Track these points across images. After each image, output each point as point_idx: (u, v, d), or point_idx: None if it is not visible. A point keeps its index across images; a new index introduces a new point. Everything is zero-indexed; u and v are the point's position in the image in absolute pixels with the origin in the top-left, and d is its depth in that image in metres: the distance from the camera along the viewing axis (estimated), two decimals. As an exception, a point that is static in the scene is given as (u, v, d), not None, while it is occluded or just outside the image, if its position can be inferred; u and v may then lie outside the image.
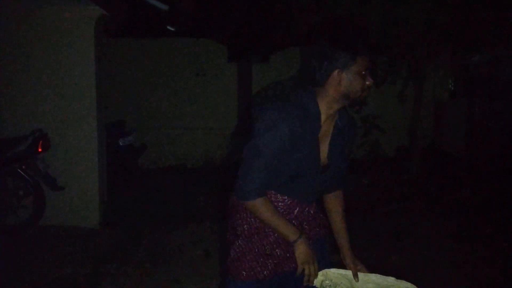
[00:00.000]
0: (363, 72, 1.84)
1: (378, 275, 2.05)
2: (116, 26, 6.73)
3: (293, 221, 2.00)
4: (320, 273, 1.97)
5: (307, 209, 2.07)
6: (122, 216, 5.45)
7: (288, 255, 1.98)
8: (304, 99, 1.90)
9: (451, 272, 3.89)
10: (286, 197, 1.99)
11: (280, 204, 1.99)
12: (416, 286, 1.96)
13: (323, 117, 1.91)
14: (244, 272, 1.97)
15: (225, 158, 8.16)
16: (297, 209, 2.03)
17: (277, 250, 1.98)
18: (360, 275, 2.06)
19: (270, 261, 1.98)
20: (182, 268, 4.03)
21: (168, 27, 7.84)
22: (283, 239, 1.96)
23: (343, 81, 1.85)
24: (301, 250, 1.91)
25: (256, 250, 1.99)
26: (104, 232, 4.96)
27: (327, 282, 1.99)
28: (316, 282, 1.97)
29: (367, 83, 1.87)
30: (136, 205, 5.96)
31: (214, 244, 4.54)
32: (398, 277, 2.01)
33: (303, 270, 1.93)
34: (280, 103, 1.89)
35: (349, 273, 2.05)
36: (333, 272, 2.01)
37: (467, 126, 7.72)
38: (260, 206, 1.90)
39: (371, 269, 2.09)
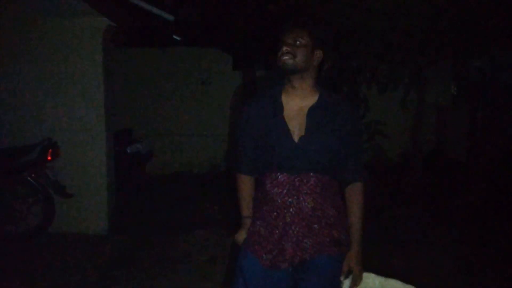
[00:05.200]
0: (282, 44, 2.05)
1: (399, 282, 2.07)
2: (123, 36, 6.82)
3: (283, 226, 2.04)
4: None
5: (304, 203, 2.03)
6: (130, 222, 5.52)
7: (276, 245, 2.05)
8: (272, 90, 2.17)
9: (454, 276, 3.93)
10: (278, 173, 2.05)
11: (275, 189, 2.05)
12: None
13: (285, 96, 2.12)
14: (244, 240, 2.16)
15: (230, 164, 8.23)
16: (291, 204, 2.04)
17: (267, 236, 2.06)
18: (380, 279, 2.08)
19: (263, 249, 2.05)
20: (189, 274, 4.08)
21: (174, 37, 7.91)
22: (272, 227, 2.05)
23: None
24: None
25: (255, 234, 2.11)
26: (113, 238, 5.02)
27: None
28: None
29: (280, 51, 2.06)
30: (143, 211, 6.02)
31: (221, 249, 4.59)
32: (402, 281, 2.05)
33: None
34: (254, 98, 2.25)
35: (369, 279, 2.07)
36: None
37: (470, 131, 7.75)
38: (238, 180, 2.23)
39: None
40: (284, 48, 2.03)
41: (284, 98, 2.12)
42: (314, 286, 2.00)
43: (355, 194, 2.11)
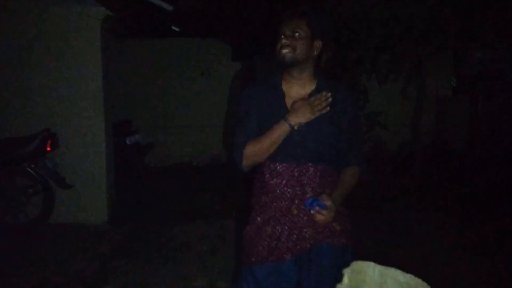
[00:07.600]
0: (281, 36, 2.02)
1: (399, 271, 2.06)
2: (122, 27, 6.79)
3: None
4: None
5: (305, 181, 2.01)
6: (130, 213, 5.52)
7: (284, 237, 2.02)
8: (271, 78, 2.15)
9: (454, 267, 3.92)
10: (277, 164, 2.04)
11: (274, 180, 2.04)
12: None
13: (285, 84, 2.10)
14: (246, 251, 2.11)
15: (230, 156, 8.22)
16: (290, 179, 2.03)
17: (268, 228, 2.04)
18: (380, 268, 2.06)
19: (264, 242, 2.04)
20: (189, 264, 4.08)
21: (173, 27, 7.88)
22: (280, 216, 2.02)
23: None
24: (296, 115, 1.97)
25: (254, 227, 2.10)
26: (112, 229, 5.02)
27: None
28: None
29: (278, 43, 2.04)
30: (143, 202, 6.02)
31: (221, 240, 4.60)
32: (402, 271, 2.05)
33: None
34: (254, 82, 2.20)
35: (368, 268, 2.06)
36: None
37: (470, 122, 7.75)
38: (251, 144, 2.03)
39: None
40: (283, 41, 2.01)
41: (284, 86, 2.11)
42: (315, 276, 1.99)
43: (348, 173, 2.08)
